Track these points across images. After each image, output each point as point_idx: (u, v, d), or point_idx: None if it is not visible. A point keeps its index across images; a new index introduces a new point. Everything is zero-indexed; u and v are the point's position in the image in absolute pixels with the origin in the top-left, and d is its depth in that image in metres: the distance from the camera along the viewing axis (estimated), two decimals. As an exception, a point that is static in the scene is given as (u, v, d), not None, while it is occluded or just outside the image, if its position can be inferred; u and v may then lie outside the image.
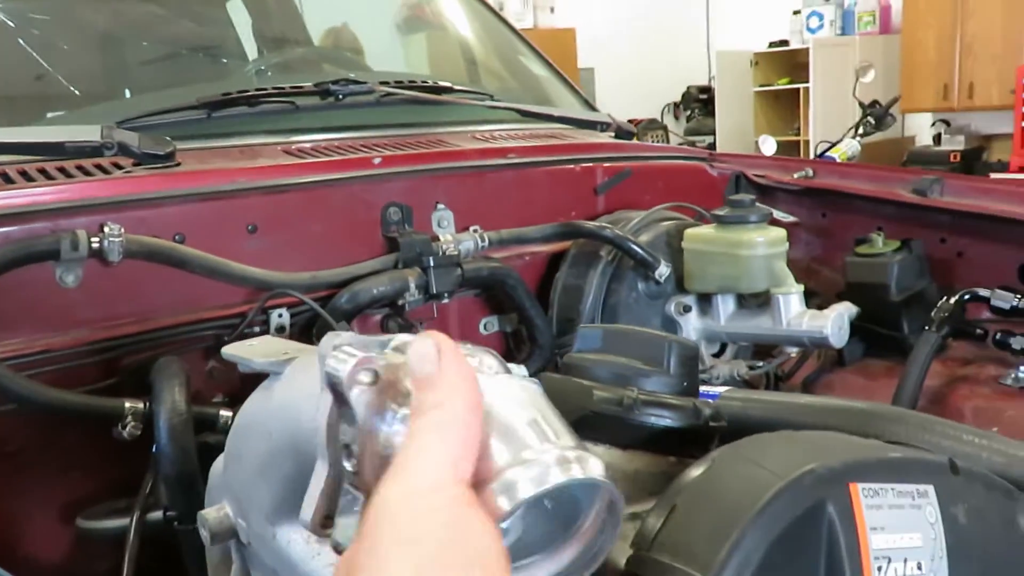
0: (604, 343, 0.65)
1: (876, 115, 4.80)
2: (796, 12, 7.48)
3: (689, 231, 1.35)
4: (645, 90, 8.13)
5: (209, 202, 1.15)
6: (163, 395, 0.97)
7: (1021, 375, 1.31)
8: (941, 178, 1.50)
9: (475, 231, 1.33)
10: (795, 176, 1.70)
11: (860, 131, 4.28)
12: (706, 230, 1.34)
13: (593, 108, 1.95)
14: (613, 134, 1.80)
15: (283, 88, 1.43)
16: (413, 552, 0.35)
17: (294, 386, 0.60)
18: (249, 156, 1.29)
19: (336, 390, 0.49)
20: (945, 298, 1.34)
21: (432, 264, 1.23)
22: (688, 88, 8.49)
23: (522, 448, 0.42)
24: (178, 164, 1.20)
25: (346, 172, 1.26)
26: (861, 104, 5.03)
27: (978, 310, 1.43)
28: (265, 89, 1.41)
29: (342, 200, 1.26)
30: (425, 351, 0.43)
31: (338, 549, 0.50)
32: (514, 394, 0.45)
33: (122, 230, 1.02)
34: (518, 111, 1.68)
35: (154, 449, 0.98)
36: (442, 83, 1.65)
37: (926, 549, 0.54)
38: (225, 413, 1.06)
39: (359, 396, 0.47)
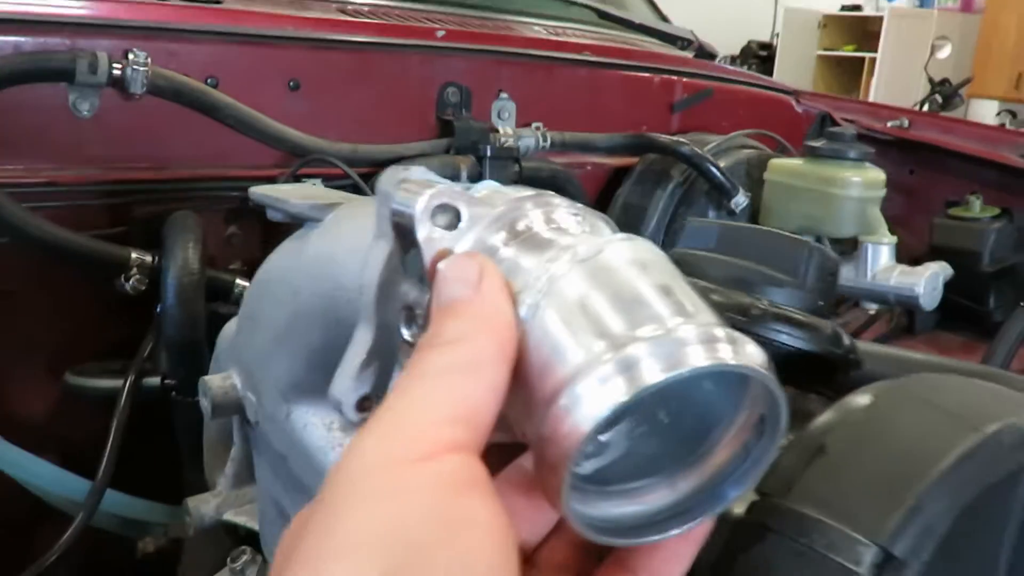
0: (720, 242, 0.52)
1: (945, 93, 4.58)
2: (875, -23, 7.12)
3: (775, 161, 1.21)
4: (704, 38, 7.82)
5: (250, 47, 1.01)
6: (175, 251, 0.85)
7: (1116, 371, 1.17)
8: (1060, 144, 1.34)
9: (537, 128, 1.19)
10: (888, 124, 1.54)
11: (925, 108, 4.09)
12: (795, 162, 1.19)
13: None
14: (694, 53, 1.64)
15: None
16: (386, 548, 0.23)
17: (336, 237, 0.48)
18: (299, 6, 1.14)
19: (403, 232, 0.36)
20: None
21: (489, 154, 1.09)
22: (749, 42, 8.15)
23: (647, 320, 0.28)
24: (219, 1, 1.06)
25: (405, 39, 1.12)
26: (931, 80, 4.81)
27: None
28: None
29: (397, 70, 1.12)
30: (463, 269, 0.30)
31: None
32: (639, 255, 0.32)
33: (149, 60, 0.89)
34: (596, 11, 1.52)
35: (159, 309, 0.87)
36: (519, -33, 1.49)
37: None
38: (242, 282, 0.94)
39: (433, 239, 0.34)
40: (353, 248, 0.46)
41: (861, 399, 0.40)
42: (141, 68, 0.88)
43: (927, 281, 1.09)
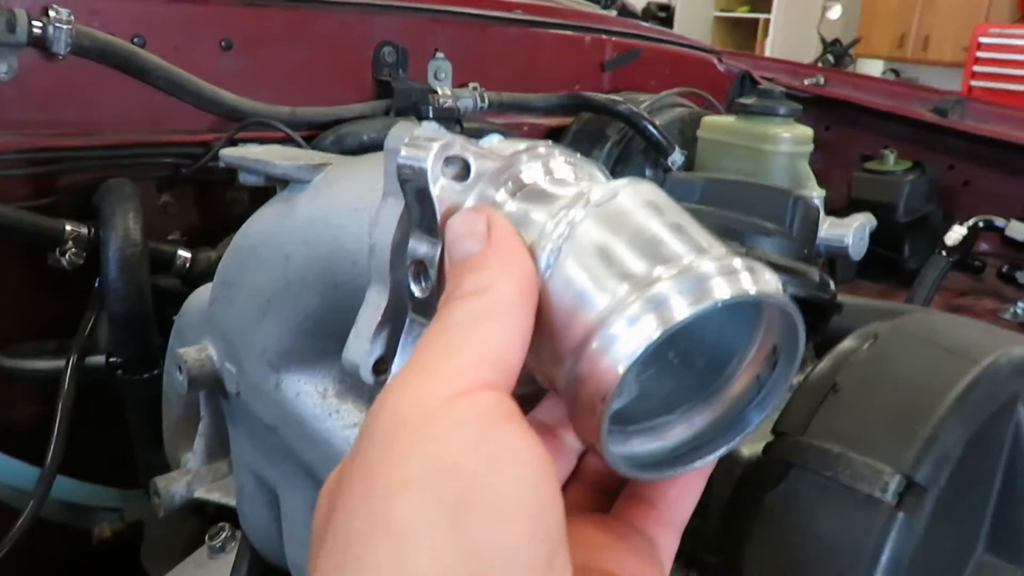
0: (704, 195, 0.53)
1: (837, 53, 4.76)
2: (767, -61, 7.29)
3: (708, 119, 1.23)
4: (605, -1, 7.86)
5: (178, 4, 0.96)
6: (114, 220, 0.81)
7: (1019, 310, 1.27)
8: (965, 99, 1.42)
9: (475, 88, 1.18)
10: (805, 82, 1.59)
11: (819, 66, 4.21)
12: (727, 119, 1.22)
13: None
14: (617, 12, 1.65)
15: None
16: (428, 495, 0.24)
17: (332, 198, 0.47)
18: (224, -37, 1.09)
19: (415, 187, 0.35)
20: (959, 222, 1.27)
21: (431, 116, 1.07)
22: (648, 3, 8.23)
23: (668, 258, 0.29)
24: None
25: (339, -4, 1.09)
26: (823, 40, 4.99)
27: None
28: None
29: (332, 28, 1.08)
30: (471, 224, 0.31)
31: None
32: (650, 198, 0.32)
33: (72, 17, 0.83)
34: (522, -31, 1.51)
35: (98, 283, 0.83)
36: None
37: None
38: (183, 253, 0.90)
39: (443, 192, 0.34)
40: (354, 208, 0.44)
41: (862, 341, 0.42)
42: (64, 26, 0.83)
43: (855, 232, 1.13)
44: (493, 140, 0.38)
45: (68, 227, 0.82)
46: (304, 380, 0.52)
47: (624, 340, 0.28)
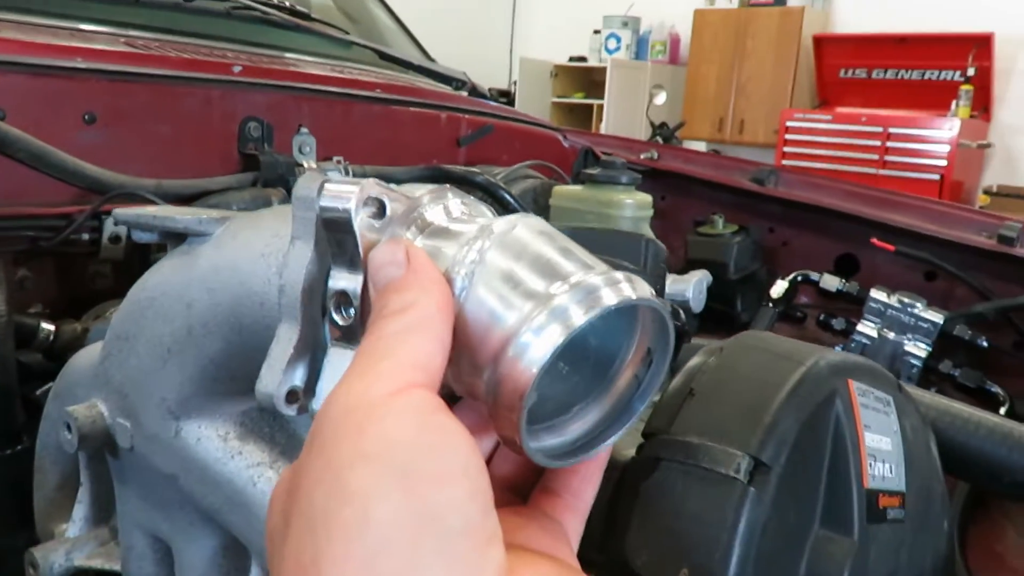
0: (569, 242, 0.60)
1: (664, 135, 5.17)
2: (596, 31, 7.86)
3: (558, 188, 1.33)
4: (448, 85, 8.14)
5: (41, 78, 0.96)
6: (-24, 292, 0.79)
7: (837, 353, 1.43)
8: (777, 170, 1.61)
9: (339, 161, 1.23)
10: (641, 156, 1.75)
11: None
12: (576, 189, 1.33)
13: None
14: (467, 92, 1.76)
15: (124, -27, 1.24)
16: (380, 466, 0.28)
17: (236, 246, 0.50)
18: (83, 39, 1.10)
19: (333, 227, 0.40)
20: (781, 277, 1.43)
21: (299, 186, 1.11)
22: (489, 89, 8.60)
23: (561, 276, 0.36)
24: (-6, 31, 1.00)
25: (204, 73, 1.11)
26: (652, 123, 5.39)
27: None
28: (102, -30, 1.22)
29: (197, 104, 1.11)
30: (392, 254, 0.37)
31: None
32: (540, 227, 0.39)
33: (-73, 88, 0.82)
34: (378, 52, 1.59)
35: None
36: (301, 9, 1.52)
37: (894, 454, 0.55)
38: (47, 326, 0.88)
39: (366, 228, 0.39)
40: (260, 254, 0.48)
41: (709, 354, 0.50)
42: (-81, 98, 0.82)
43: (694, 286, 1.25)
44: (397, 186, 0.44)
45: (-77, 300, 0.79)
46: (205, 425, 0.54)
47: (535, 346, 0.34)
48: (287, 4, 1.48)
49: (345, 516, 0.27)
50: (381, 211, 0.40)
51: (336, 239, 0.41)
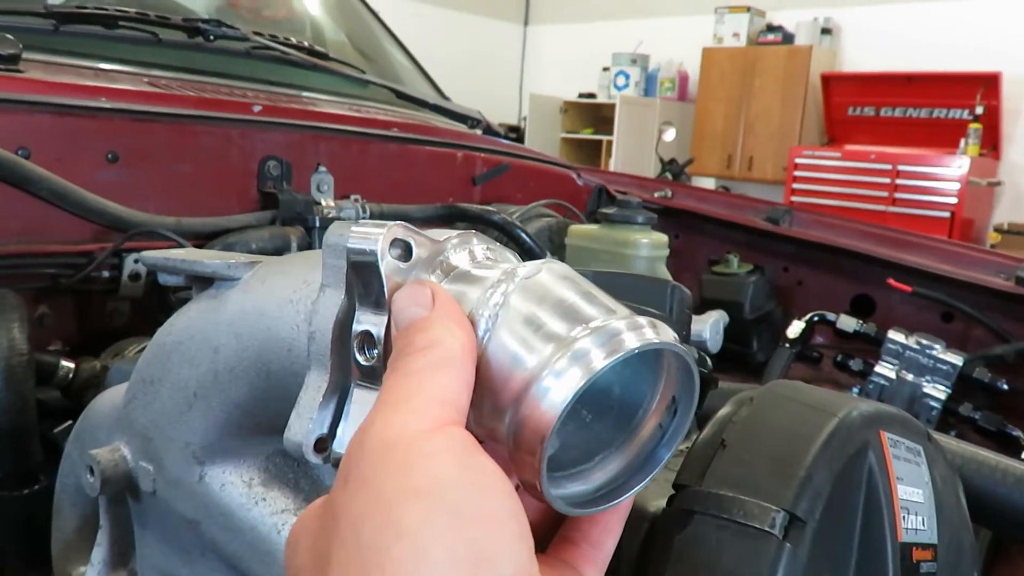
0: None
1: (674, 171, 5.19)
2: (605, 69, 7.94)
3: (574, 227, 1.34)
4: (458, 120, 8.21)
5: (65, 118, 0.97)
6: (-2, 331, 0.79)
7: (855, 394, 1.42)
8: (792, 209, 1.61)
9: (356, 199, 1.24)
10: (655, 195, 1.75)
11: (659, 184, 4.56)
12: (591, 228, 1.33)
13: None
14: (482, 131, 1.77)
15: (147, 15, 1.26)
16: (431, 503, 0.28)
17: (263, 292, 0.50)
18: (107, 79, 1.12)
19: (361, 270, 0.40)
20: (797, 317, 1.43)
21: (317, 225, 1.12)
22: (499, 125, 8.68)
23: (584, 320, 0.36)
24: (21, 71, 1.01)
25: (224, 113, 1.13)
26: (661, 159, 5.42)
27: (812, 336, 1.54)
28: (127, 12, 1.23)
29: (217, 143, 1.12)
30: (417, 295, 0.37)
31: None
32: (564, 273, 0.39)
33: (-45, 128, 0.83)
34: (394, 91, 1.61)
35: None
36: (319, 48, 1.54)
37: (926, 506, 0.54)
38: (67, 364, 0.89)
39: (392, 270, 0.39)
40: (288, 299, 0.48)
41: (740, 404, 0.50)
42: (-53, 138, 0.83)
43: (711, 326, 1.26)
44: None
45: (-56, 338, 0.79)
46: (229, 471, 0.54)
47: (556, 389, 0.33)
48: (305, 44, 1.50)
49: (398, 552, 0.27)
50: (407, 254, 0.40)
51: (362, 280, 0.40)
